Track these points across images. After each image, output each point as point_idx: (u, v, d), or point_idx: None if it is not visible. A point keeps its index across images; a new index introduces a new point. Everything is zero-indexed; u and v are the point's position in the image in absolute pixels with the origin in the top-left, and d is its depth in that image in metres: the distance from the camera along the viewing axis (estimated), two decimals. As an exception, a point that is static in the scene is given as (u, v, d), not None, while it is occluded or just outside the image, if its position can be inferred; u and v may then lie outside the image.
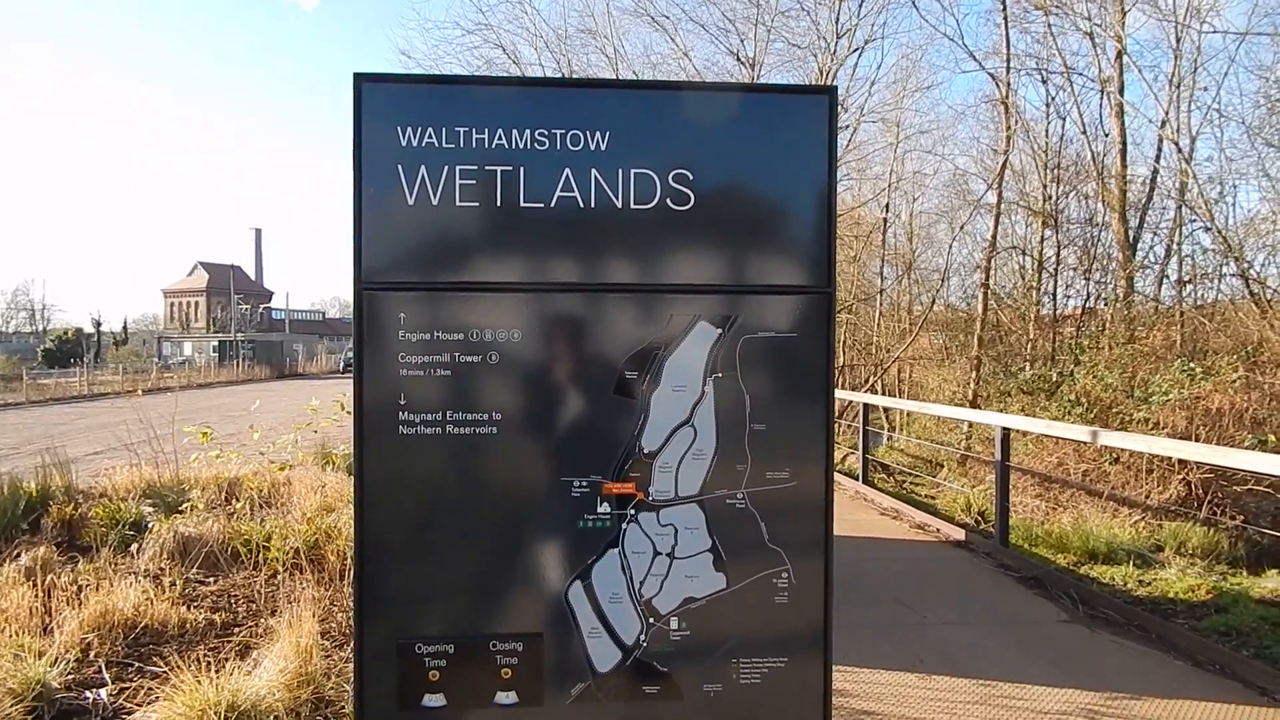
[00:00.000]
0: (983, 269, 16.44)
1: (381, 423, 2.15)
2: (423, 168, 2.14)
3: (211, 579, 5.98)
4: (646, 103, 2.24)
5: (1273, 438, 9.65)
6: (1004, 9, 15.60)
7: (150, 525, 6.61)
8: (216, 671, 3.96)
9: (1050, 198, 16.75)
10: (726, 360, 2.24)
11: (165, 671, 4.14)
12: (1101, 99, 16.12)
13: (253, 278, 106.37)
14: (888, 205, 20.04)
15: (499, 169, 2.17)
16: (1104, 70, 15.71)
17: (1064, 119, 17.02)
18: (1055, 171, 16.79)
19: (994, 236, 16.55)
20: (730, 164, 2.24)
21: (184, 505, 6.75)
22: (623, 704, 2.21)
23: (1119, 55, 15.38)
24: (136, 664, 4.50)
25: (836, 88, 2.64)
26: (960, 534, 7.67)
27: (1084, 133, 16.39)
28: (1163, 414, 10.28)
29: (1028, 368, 14.25)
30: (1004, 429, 7.26)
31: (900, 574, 6.50)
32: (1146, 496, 9.60)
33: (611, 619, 2.21)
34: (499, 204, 2.17)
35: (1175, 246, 15.23)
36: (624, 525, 2.22)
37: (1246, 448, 9.06)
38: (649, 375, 2.22)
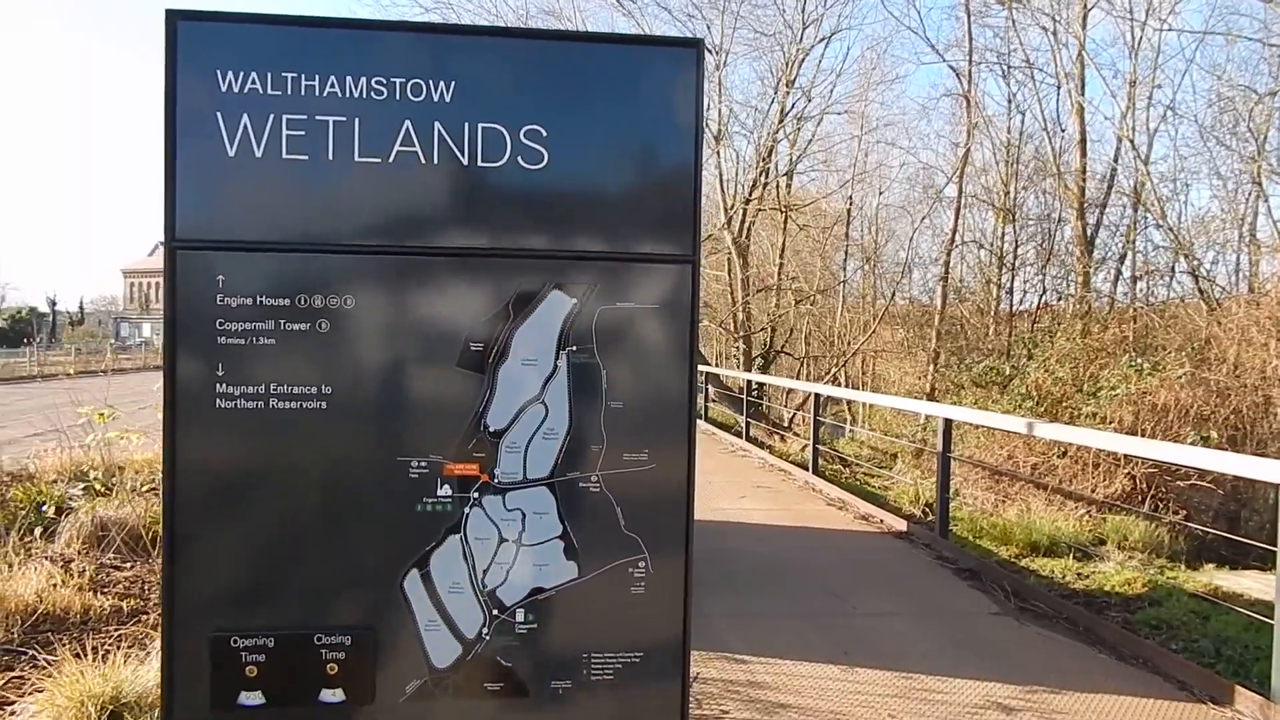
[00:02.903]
0: (942, 263, 16.48)
1: (196, 396, 1.95)
2: (245, 116, 1.94)
3: (128, 564, 5.77)
4: (497, 52, 2.05)
5: (1215, 434, 9.73)
6: (966, 2, 15.58)
7: (72, 508, 6.37)
8: (104, 660, 3.75)
9: (1010, 193, 16.82)
10: (582, 333, 2.07)
11: (55, 661, 3.93)
12: (1059, 95, 16.20)
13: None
14: (851, 197, 20.02)
15: (330, 119, 1.97)
16: (1064, 66, 15.78)
17: (1023, 114, 17.13)
18: (1015, 167, 16.87)
19: (954, 230, 16.58)
20: (588, 121, 2.06)
21: (114, 488, 6.52)
22: (463, 702, 2.04)
23: (1079, 53, 15.45)
24: (31, 652, 4.28)
25: (703, 40, 2.48)
26: (903, 525, 7.60)
27: (1044, 129, 16.51)
28: (1110, 409, 10.33)
29: (983, 361, 14.28)
30: (946, 420, 7.23)
31: (835, 564, 6.40)
32: (1092, 490, 9.63)
33: (451, 611, 2.03)
34: (330, 157, 1.97)
35: (1130, 243, 15.37)
36: (466, 509, 2.04)
37: (1190, 444, 9.11)
38: (496, 348, 2.04)
